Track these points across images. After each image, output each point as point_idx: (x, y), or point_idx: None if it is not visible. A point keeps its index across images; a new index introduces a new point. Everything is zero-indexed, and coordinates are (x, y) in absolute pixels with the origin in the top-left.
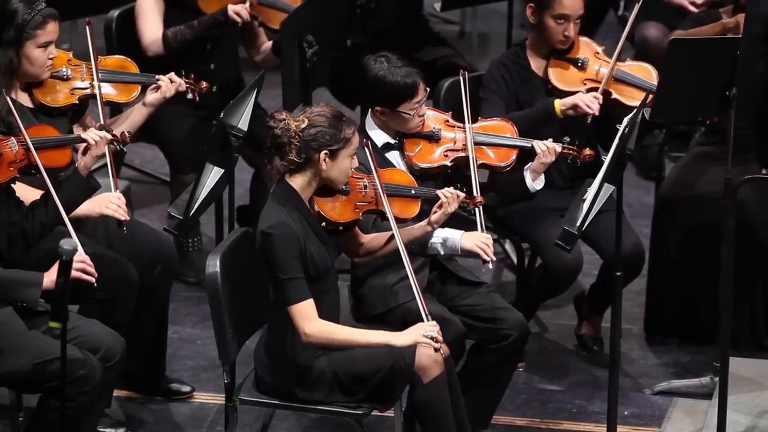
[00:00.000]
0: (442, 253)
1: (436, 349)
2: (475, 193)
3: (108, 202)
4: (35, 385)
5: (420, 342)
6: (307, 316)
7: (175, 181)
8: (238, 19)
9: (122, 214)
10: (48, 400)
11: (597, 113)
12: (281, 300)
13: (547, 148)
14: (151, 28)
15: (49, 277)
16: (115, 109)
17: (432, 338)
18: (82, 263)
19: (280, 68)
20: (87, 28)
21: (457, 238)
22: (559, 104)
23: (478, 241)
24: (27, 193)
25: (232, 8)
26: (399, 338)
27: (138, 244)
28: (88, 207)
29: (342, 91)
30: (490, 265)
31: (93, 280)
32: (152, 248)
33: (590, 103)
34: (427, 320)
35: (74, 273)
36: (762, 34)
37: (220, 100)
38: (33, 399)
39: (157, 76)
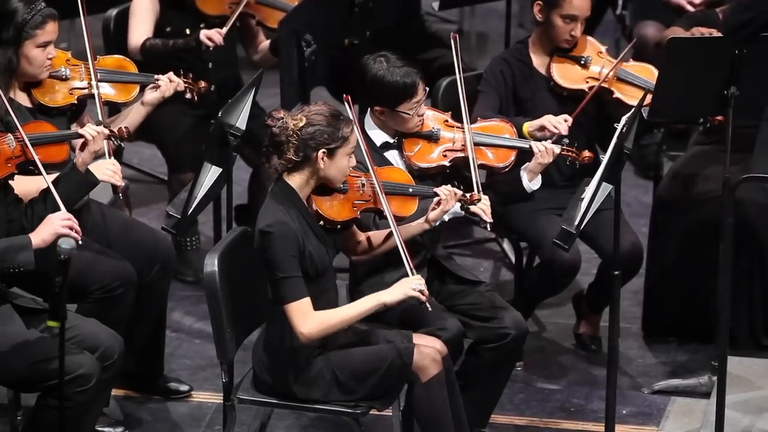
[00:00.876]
0: (446, 220)
1: (422, 302)
2: (478, 188)
3: (104, 169)
4: (33, 384)
5: (409, 295)
6: (303, 315)
7: (173, 180)
8: (210, 44)
9: (117, 180)
10: (46, 399)
11: (564, 133)
12: (279, 298)
13: (545, 149)
14: (138, 32)
15: (37, 236)
16: (114, 108)
17: (420, 291)
18: (68, 221)
19: (278, 67)
20: (80, 11)
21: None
22: (526, 126)
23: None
24: (26, 183)
25: (204, 33)
26: (388, 295)
27: (136, 243)
28: None
29: (340, 91)
30: (488, 227)
31: (78, 237)
32: (150, 247)
33: (557, 124)
34: (413, 275)
35: (61, 230)
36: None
37: (218, 99)
38: (31, 398)
39: (156, 76)
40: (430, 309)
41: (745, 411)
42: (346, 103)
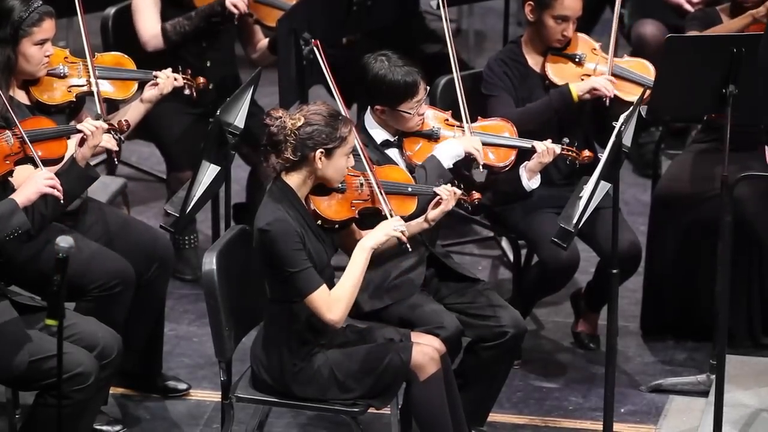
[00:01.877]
0: (450, 165)
1: (402, 243)
2: (473, 190)
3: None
4: (32, 382)
5: (390, 234)
6: (326, 302)
7: (172, 179)
8: (235, 11)
9: (114, 145)
10: (45, 398)
11: (612, 95)
12: (294, 294)
13: (546, 149)
14: (149, 23)
15: (21, 195)
16: (112, 105)
17: (400, 232)
18: (51, 180)
19: (276, 66)
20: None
21: (456, 147)
22: (575, 88)
23: (475, 144)
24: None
25: (230, 0)
26: (371, 239)
27: (135, 242)
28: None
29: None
30: (480, 168)
31: (61, 195)
32: (149, 246)
33: (606, 86)
34: (391, 216)
35: (44, 189)
36: None
37: (217, 98)
38: (29, 396)
39: (154, 72)
40: (410, 249)
41: (743, 409)
42: (315, 48)
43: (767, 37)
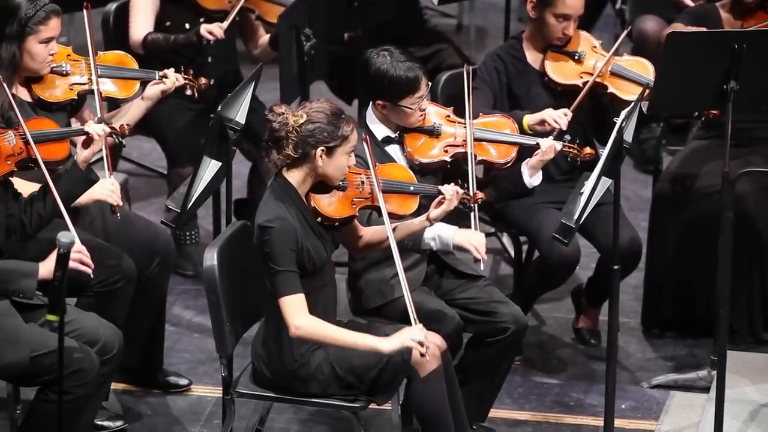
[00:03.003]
0: (434, 248)
1: (422, 354)
2: (473, 189)
3: (102, 188)
4: (33, 378)
5: (407, 346)
6: (297, 309)
7: (173, 175)
8: (211, 38)
9: (115, 199)
10: (45, 393)
11: (564, 128)
12: (273, 292)
13: (548, 147)
14: (139, 26)
15: (45, 267)
16: (113, 104)
17: (419, 342)
18: (79, 254)
19: (277, 61)
20: (84, 12)
21: (450, 234)
22: (527, 119)
23: (472, 239)
24: (25, 188)
25: (205, 27)
26: (386, 344)
27: (135, 237)
28: (83, 197)
29: (338, 86)
30: (482, 265)
31: (90, 271)
32: (150, 241)
33: (558, 119)
34: (415, 323)
35: (72, 264)
36: None
37: (218, 94)
38: (30, 392)
39: (162, 72)
40: (428, 359)
41: (744, 405)
42: (364, 145)
43: None
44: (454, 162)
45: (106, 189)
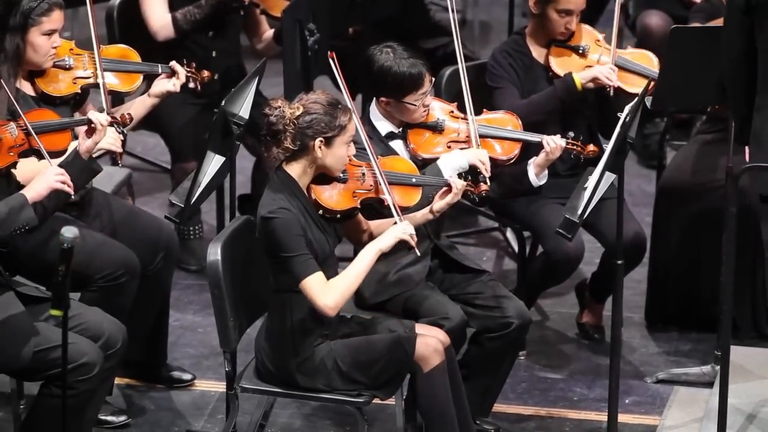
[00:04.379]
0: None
1: (411, 247)
2: (480, 182)
3: (107, 137)
4: (36, 372)
5: (400, 238)
6: (321, 288)
7: (177, 169)
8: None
9: (118, 147)
10: (49, 388)
11: (616, 85)
12: (291, 279)
13: (553, 147)
14: (159, 12)
15: (31, 191)
16: (117, 98)
17: (409, 235)
18: (61, 175)
19: (281, 56)
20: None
21: (461, 159)
22: (578, 77)
23: (481, 156)
24: (29, 168)
25: None
26: (382, 242)
27: (139, 232)
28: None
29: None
30: (487, 179)
31: (71, 191)
32: (154, 236)
33: (609, 75)
34: (400, 221)
35: (55, 184)
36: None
37: (222, 88)
38: (34, 387)
39: (171, 65)
40: (419, 254)
41: (748, 400)
42: (330, 60)
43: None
44: None
45: (110, 137)
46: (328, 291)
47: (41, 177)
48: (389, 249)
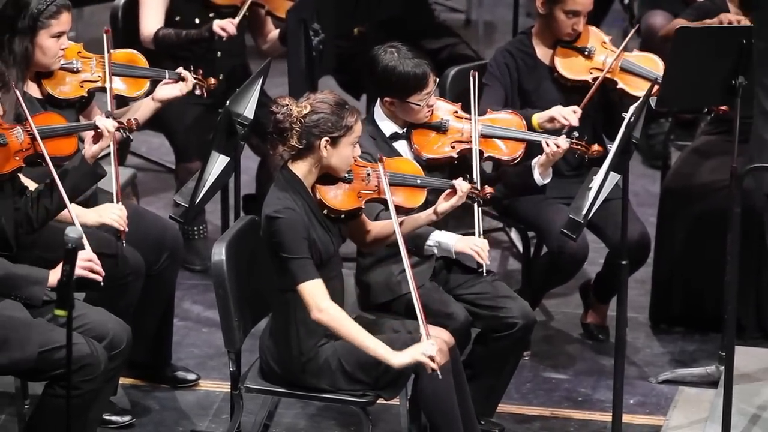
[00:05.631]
0: (437, 254)
1: (433, 369)
2: (485, 186)
3: (110, 213)
4: (41, 373)
5: (417, 360)
6: (318, 294)
7: (181, 170)
8: (224, 34)
9: (122, 225)
10: (53, 388)
11: (575, 125)
12: (289, 281)
13: (555, 145)
14: (150, 21)
15: (55, 275)
16: (121, 102)
17: (430, 357)
18: (89, 262)
19: (286, 56)
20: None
21: (452, 242)
22: (536, 118)
23: (473, 244)
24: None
25: (218, 23)
26: (396, 358)
27: (144, 232)
28: (92, 217)
29: (347, 80)
30: (485, 270)
31: (100, 279)
32: (158, 236)
33: (567, 116)
34: (427, 338)
35: (80, 272)
36: None
37: (226, 88)
38: (38, 387)
39: (180, 71)
40: (440, 377)
41: (752, 401)
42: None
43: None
44: (461, 158)
45: (114, 214)
46: (327, 301)
47: None
48: (399, 368)
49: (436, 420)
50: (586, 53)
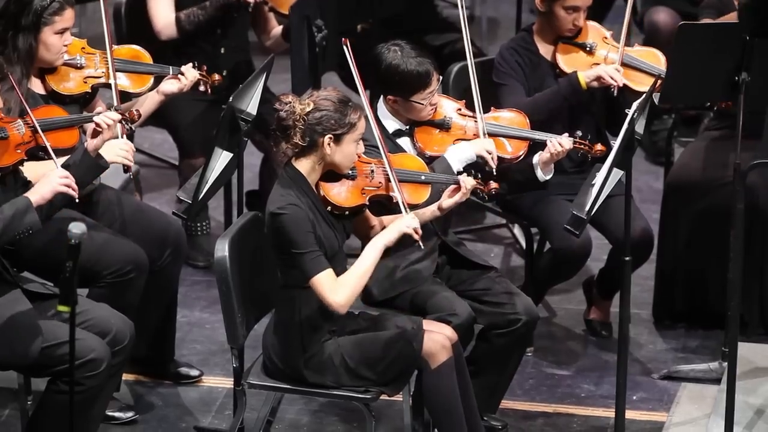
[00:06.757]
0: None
1: (415, 240)
2: (490, 180)
3: (117, 149)
4: (44, 368)
5: (403, 232)
6: (331, 285)
7: (184, 166)
8: (251, 0)
9: (129, 160)
10: (57, 384)
11: (620, 84)
12: (300, 276)
13: (558, 150)
14: (164, 11)
15: (35, 194)
16: (125, 97)
17: (413, 229)
18: (66, 178)
19: (289, 52)
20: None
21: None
22: (583, 76)
23: (487, 146)
24: (36, 167)
25: None
26: (386, 236)
27: (147, 228)
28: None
29: (350, 77)
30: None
31: (75, 194)
32: (161, 232)
33: (613, 75)
34: (406, 212)
35: (59, 188)
36: None
37: (230, 84)
38: (41, 383)
39: (182, 68)
40: (422, 247)
41: (755, 397)
42: (344, 47)
43: None
44: None
45: (121, 150)
46: (339, 288)
47: (45, 180)
48: (393, 243)
49: (439, 416)
50: (587, 49)
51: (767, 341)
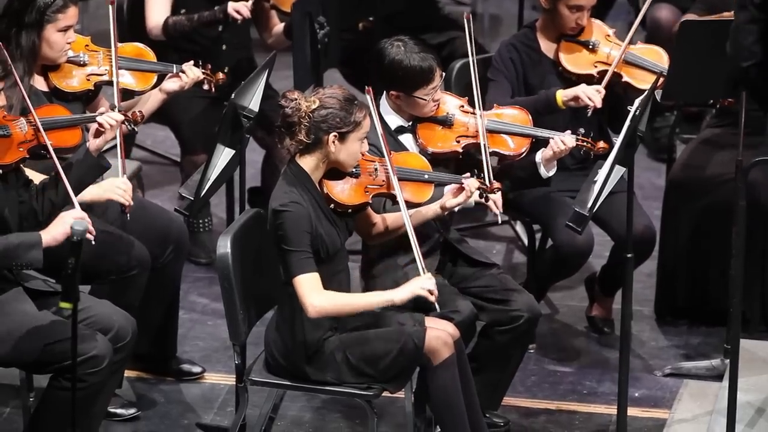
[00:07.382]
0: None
1: (430, 303)
2: (489, 178)
3: (114, 188)
4: (46, 365)
5: (417, 294)
6: (311, 288)
7: (186, 162)
8: (238, 17)
9: (127, 199)
10: (59, 381)
11: (598, 106)
12: (287, 273)
13: (561, 148)
14: (157, 12)
15: (48, 234)
16: (129, 95)
17: (429, 291)
18: (83, 220)
19: (291, 49)
20: (110, 8)
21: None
22: (561, 95)
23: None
24: (37, 175)
25: (232, 6)
26: (398, 294)
27: (149, 225)
28: (95, 192)
29: (352, 74)
30: (499, 219)
31: (92, 237)
32: (163, 229)
33: (592, 96)
34: (424, 273)
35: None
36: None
37: (232, 81)
38: (43, 379)
39: (183, 66)
40: (438, 310)
41: (757, 394)
42: (367, 95)
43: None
44: (466, 152)
45: (119, 189)
46: (320, 295)
47: (59, 221)
48: (402, 303)
49: (441, 413)
50: (590, 47)
51: None
